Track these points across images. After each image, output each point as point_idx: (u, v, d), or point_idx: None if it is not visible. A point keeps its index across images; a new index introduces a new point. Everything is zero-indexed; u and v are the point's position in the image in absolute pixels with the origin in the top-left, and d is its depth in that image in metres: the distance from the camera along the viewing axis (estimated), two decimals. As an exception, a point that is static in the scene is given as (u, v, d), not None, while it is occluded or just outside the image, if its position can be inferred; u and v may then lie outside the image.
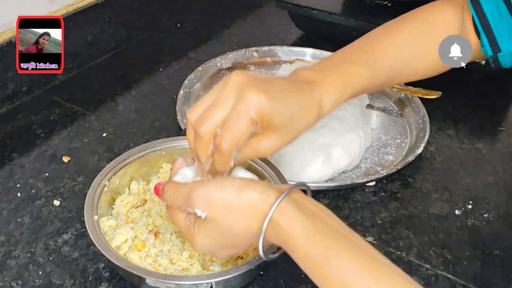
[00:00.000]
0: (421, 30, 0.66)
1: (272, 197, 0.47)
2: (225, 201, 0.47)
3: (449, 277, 0.61)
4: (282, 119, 0.51)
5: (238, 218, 0.47)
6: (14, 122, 0.83)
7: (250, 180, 0.49)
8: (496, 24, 0.60)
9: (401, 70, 0.66)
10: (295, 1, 1.03)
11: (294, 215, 0.45)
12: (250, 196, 0.47)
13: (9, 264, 0.61)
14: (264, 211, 0.46)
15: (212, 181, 0.49)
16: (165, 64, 0.99)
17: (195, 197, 0.48)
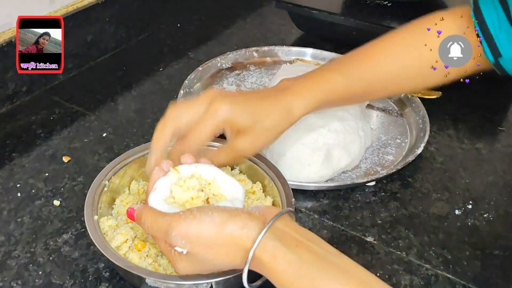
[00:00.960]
0: (409, 44, 0.66)
1: (254, 232, 0.46)
2: (205, 239, 0.47)
3: (449, 277, 0.61)
4: (246, 123, 0.58)
5: (220, 254, 0.47)
6: (14, 122, 0.83)
7: (230, 213, 0.48)
8: (496, 30, 0.61)
9: (388, 79, 0.66)
10: (295, 1, 1.04)
11: (276, 250, 0.45)
12: (231, 231, 0.46)
13: (9, 264, 0.61)
14: (246, 247, 0.46)
15: (190, 216, 0.48)
16: (165, 64, 0.99)
17: (173, 236, 0.47)
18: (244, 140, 0.59)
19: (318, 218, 0.68)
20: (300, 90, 0.62)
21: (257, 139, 0.60)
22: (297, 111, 0.61)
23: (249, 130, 0.59)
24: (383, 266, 0.62)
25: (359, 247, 0.64)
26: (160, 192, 0.54)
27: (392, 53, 0.66)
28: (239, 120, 0.58)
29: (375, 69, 0.65)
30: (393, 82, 0.66)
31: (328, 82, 0.63)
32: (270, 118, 0.60)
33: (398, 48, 0.66)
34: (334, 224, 0.67)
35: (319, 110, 0.65)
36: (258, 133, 0.59)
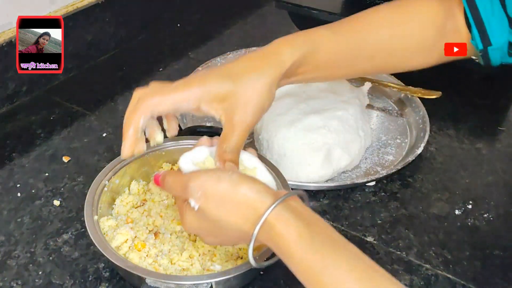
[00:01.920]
0: (396, 15, 0.64)
1: (269, 199, 0.46)
2: (219, 194, 0.47)
3: (449, 277, 0.61)
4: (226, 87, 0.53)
5: (231, 213, 0.47)
6: (14, 122, 0.83)
7: (249, 178, 0.48)
8: (488, 17, 0.59)
9: (376, 47, 0.63)
10: (295, 1, 1.03)
11: (290, 221, 0.45)
12: (246, 193, 0.46)
13: (9, 264, 0.61)
14: (259, 211, 0.45)
15: (210, 172, 0.49)
16: (165, 64, 0.99)
17: (191, 188, 0.48)
18: (238, 110, 0.54)
19: (318, 218, 0.68)
20: (285, 39, 0.59)
21: (250, 99, 0.54)
22: (286, 59, 0.57)
23: (235, 94, 0.53)
24: (383, 266, 0.61)
25: (359, 247, 0.63)
26: (195, 154, 0.54)
27: (382, 22, 0.64)
28: (217, 87, 0.53)
29: (365, 32, 0.63)
30: (381, 50, 0.64)
31: (317, 34, 0.61)
32: (255, 68, 0.55)
33: (387, 20, 0.64)
34: (334, 224, 0.67)
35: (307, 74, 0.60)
36: (246, 91, 0.54)
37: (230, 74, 0.54)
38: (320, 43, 0.60)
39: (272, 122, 0.75)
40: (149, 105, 0.53)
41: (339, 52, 0.61)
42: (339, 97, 0.79)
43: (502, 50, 0.60)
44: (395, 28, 0.63)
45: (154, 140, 0.57)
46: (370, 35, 0.63)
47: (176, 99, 0.53)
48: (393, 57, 0.64)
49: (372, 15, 0.64)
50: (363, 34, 0.63)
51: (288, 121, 0.74)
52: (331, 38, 0.61)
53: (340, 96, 0.79)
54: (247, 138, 0.80)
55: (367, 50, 0.63)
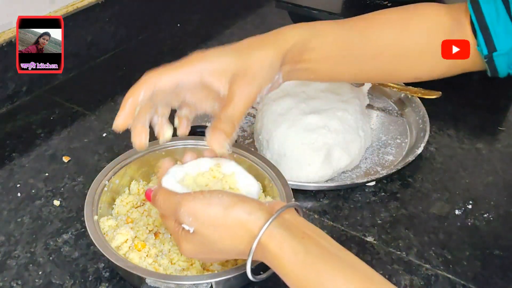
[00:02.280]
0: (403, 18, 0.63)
1: (261, 219, 0.46)
2: (211, 219, 0.47)
3: (449, 277, 0.61)
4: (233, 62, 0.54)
5: (225, 236, 0.47)
6: (14, 122, 0.83)
7: (239, 198, 0.48)
8: (493, 22, 0.59)
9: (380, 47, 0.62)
10: (295, 1, 1.04)
11: (283, 239, 0.44)
12: (238, 216, 0.46)
13: (9, 264, 0.61)
14: (253, 232, 0.45)
15: (200, 196, 0.48)
16: (165, 64, 0.99)
17: (182, 213, 0.48)
18: (240, 83, 0.53)
19: (318, 218, 0.68)
20: (292, 25, 0.59)
21: (252, 76, 0.54)
22: (288, 35, 0.57)
23: (238, 68, 0.54)
24: (383, 266, 0.62)
25: (359, 247, 0.64)
26: (173, 174, 0.54)
27: (388, 24, 0.63)
28: (218, 60, 0.54)
29: (370, 30, 0.62)
30: (385, 51, 0.63)
31: (322, 24, 0.61)
32: (258, 45, 0.56)
33: (394, 22, 0.63)
34: (334, 224, 0.67)
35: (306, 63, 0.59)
36: (251, 67, 0.54)
37: (233, 49, 0.55)
38: (325, 31, 0.60)
39: (272, 122, 0.75)
40: (151, 80, 0.54)
41: (343, 45, 0.61)
42: (339, 97, 0.79)
43: (509, 56, 0.59)
44: (401, 31, 0.62)
45: (163, 136, 0.57)
46: (374, 34, 0.62)
47: (178, 72, 0.54)
48: (397, 60, 0.63)
49: (378, 16, 0.64)
50: (368, 32, 0.62)
51: (288, 121, 0.74)
52: (336, 30, 0.61)
53: (340, 96, 0.79)
54: (247, 138, 0.81)
55: (370, 48, 0.62)
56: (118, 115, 0.53)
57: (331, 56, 0.61)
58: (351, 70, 0.64)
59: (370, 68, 0.64)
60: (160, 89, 0.54)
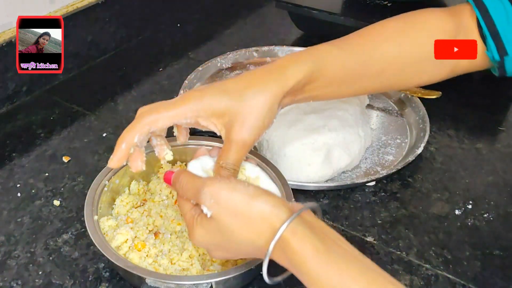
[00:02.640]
0: (404, 28, 0.62)
1: (284, 214, 0.44)
2: (234, 205, 0.45)
3: (449, 277, 0.61)
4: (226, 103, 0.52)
5: (244, 226, 0.45)
6: (14, 122, 0.83)
7: (265, 191, 0.47)
8: (503, 26, 0.58)
9: (384, 63, 0.61)
10: (295, 1, 1.04)
11: (306, 236, 0.43)
12: (262, 207, 0.45)
13: (9, 264, 0.61)
14: (274, 226, 0.44)
15: (226, 180, 0.47)
16: (165, 64, 0.99)
17: (204, 193, 0.46)
18: (237, 127, 0.52)
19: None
20: (290, 57, 0.56)
21: (252, 120, 0.52)
22: (290, 73, 0.54)
23: (234, 110, 0.52)
24: (383, 266, 0.61)
25: (359, 247, 0.63)
26: (202, 162, 0.53)
27: (389, 36, 0.62)
28: (215, 103, 0.52)
29: (372, 48, 0.61)
30: (390, 66, 0.61)
31: (322, 50, 0.59)
32: (256, 84, 0.53)
33: (395, 33, 0.62)
34: (334, 224, 0.67)
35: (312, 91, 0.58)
36: (249, 110, 0.52)
37: (230, 89, 0.52)
38: (327, 59, 0.58)
39: (272, 122, 0.75)
40: (146, 122, 0.52)
41: (346, 69, 0.59)
42: (339, 97, 0.79)
43: None
44: (403, 42, 0.61)
45: (164, 158, 0.56)
46: (377, 50, 0.61)
47: (173, 115, 0.52)
48: (402, 72, 0.62)
49: (378, 30, 0.62)
50: (370, 50, 0.60)
51: (288, 121, 0.74)
52: (337, 55, 0.59)
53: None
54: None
55: (374, 66, 0.60)
56: (113, 156, 0.53)
57: (334, 81, 0.59)
58: (353, 89, 0.63)
59: (373, 84, 0.63)
60: (156, 129, 0.53)
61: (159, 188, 0.65)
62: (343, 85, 0.60)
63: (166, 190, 0.65)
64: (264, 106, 0.52)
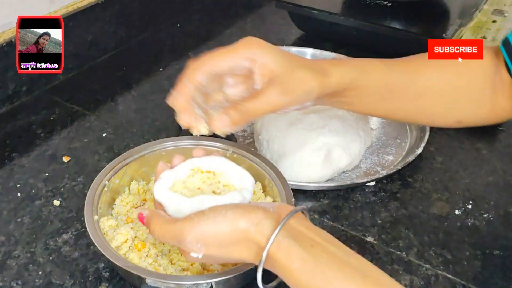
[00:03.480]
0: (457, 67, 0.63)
1: (268, 229, 0.45)
2: (220, 238, 0.46)
3: (449, 277, 0.61)
4: (281, 68, 0.53)
5: (234, 252, 0.46)
6: (14, 122, 0.83)
7: (244, 209, 0.46)
8: None
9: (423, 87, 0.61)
10: (295, 1, 1.03)
11: (291, 249, 0.44)
12: (245, 227, 0.45)
13: (9, 264, 0.61)
14: (260, 244, 0.45)
15: (203, 218, 0.46)
16: (165, 64, 0.99)
17: (188, 242, 0.46)
18: (275, 88, 0.53)
19: (318, 218, 0.68)
20: (336, 61, 0.58)
21: (289, 90, 0.54)
22: (333, 75, 0.56)
23: (283, 76, 0.53)
24: (383, 266, 0.62)
25: (359, 247, 0.64)
26: (164, 182, 0.52)
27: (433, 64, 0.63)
28: (273, 61, 0.54)
29: (415, 70, 0.61)
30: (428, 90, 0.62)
31: (369, 62, 0.60)
32: (306, 70, 0.55)
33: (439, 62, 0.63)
34: (334, 224, 0.67)
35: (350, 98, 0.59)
36: (292, 82, 0.54)
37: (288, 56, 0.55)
38: (371, 71, 0.59)
39: (272, 122, 0.75)
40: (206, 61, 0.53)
41: (388, 84, 0.60)
42: (339, 97, 0.79)
43: None
44: (446, 71, 0.62)
45: (198, 130, 0.55)
46: (419, 73, 0.61)
47: (235, 55, 0.54)
48: (438, 102, 0.62)
49: (423, 56, 0.63)
50: (413, 72, 0.62)
51: (288, 121, 0.74)
52: (382, 69, 0.60)
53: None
54: (247, 138, 0.81)
55: (414, 89, 0.61)
56: (175, 91, 0.53)
57: (374, 94, 0.60)
58: (389, 108, 0.63)
59: (410, 108, 0.63)
60: (217, 72, 0.53)
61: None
62: (382, 100, 0.61)
63: (166, 190, 0.65)
64: (306, 87, 0.55)
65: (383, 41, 0.98)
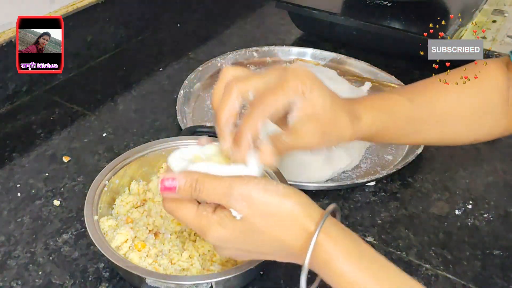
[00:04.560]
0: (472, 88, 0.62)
1: (316, 214, 0.44)
2: (265, 207, 0.43)
3: (449, 277, 0.61)
4: (322, 106, 0.50)
5: (276, 227, 0.44)
6: (14, 122, 0.83)
7: (293, 190, 0.45)
8: None
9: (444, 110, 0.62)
10: (295, 1, 1.04)
11: (339, 237, 0.43)
12: (293, 208, 0.44)
13: (9, 264, 0.61)
14: (307, 227, 0.43)
15: (254, 181, 0.44)
16: (165, 64, 0.99)
17: (235, 196, 0.43)
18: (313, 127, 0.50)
19: (318, 218, 0.68)
20: (367, 103, 0.57)
21: (326, 132, 0.51)
22: (364, 121, 0.56)
23: (322, 114, 0.50)
24: (383, 266, 0.61)
25: None
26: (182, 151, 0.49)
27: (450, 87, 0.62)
28: (317, 100, 0.49)
29: (434, 96, 0.62)
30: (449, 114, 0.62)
31: (394, 101, 0.60)
32: (345, 114, 0.53)
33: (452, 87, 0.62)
34: (334, 224, 0.67)
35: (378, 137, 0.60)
36: (330, 125, 0.51)
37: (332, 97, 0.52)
38: (397, 111, 0.59)
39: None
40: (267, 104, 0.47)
41: (412, 119, 0.60)
42: (339, 97, 0.79)
43: None
44: (461, 93, 0.62)
45: None
46: (439, 98, 0.62)
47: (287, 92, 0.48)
48: (461, 123, 0.63)
49: (438, 81, 0.63)
50: (433, 97, 0.62)
51: (288, 121, 0.74)
52: (407, 106, 0.60)
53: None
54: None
55: (435, 113, 0.62)
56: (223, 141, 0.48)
57: (398, 132, 0.60)
58: (412, 138, 0.64)
59: (430, 134, 0.63)
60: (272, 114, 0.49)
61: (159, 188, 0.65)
62: (406, 134, 0.62)
63: (166, 190, 0.65)
64: (341, 136, 0.53)
65: (383, 41, 0.98)
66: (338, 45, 1.02)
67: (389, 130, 0.59)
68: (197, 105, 0.87)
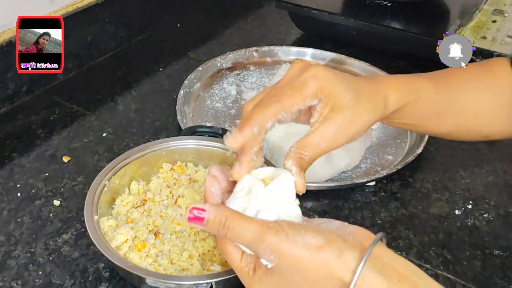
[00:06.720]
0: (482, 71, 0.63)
1: (352, 261, 0.40)
2: (296, 260, 0.41)
3: (449, 277, 0.61)
4: (346, 99, 0.49)
5: (310, 281, 0.42)
6: (14, 122, 0.83)
7: (324, 237, 0.42)
8: None
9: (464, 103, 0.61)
10: (295, 1, 1.04)
11: (377, 285, 0.40)
12: (326, 258, 0.41)
13: (9, 264, 0.61)
14: (344, 279, 0.40)
15: (282, 233, 0.42)
16: (165, 64, 0.99)
17: (263, 248, 0.42)
18: (338, 123, 0.49)
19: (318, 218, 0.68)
20: (395, 83, 0.56)
21: (354, 122, 0.50)
22: (392, 104, 0.55)
23: (348, 108, 0.49)
24: (383, 266, 0.61)
25: None
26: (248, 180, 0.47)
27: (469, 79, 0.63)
28: (342, 92, 0.49)
29: (455, 87, 0.62)
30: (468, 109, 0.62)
31: (419, 83, 0.59)
32: (371, 101, 0.52)
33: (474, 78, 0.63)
34: (334, 224, 0.67)
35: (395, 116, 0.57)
36: (357, 114, 0.50)
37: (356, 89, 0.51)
38: (422, 94, 0.58)
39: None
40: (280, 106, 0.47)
41: (435, 105, 0.60)
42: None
43: None
44: (479, 87, 0.62)
45: None
46: (459, 90, 0.61)
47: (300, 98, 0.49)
48: (476, 117, 0.63)
49: (460, 70, 0.62)
50: (455, 88, 0.61)
51: (288, 121, 0.74)
52: (432, 90, 0.59)
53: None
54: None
55: (456, 105, 0.61)
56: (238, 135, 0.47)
57: (422, 116, 0.60)
58: (434, 126, 0.63)
59: (450, 125, 0.63)
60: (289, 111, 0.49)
61: (159, 188, 0.65)
62: (428, 120, 0.61)
63: (166, 190, 0.65)
64: (368, 125, 0.52)
65: (383, 41, 0.98)
66: (338, 45, 1.02)
67: (413, 112, 0.58)
68: (197, 105, 0.87)
